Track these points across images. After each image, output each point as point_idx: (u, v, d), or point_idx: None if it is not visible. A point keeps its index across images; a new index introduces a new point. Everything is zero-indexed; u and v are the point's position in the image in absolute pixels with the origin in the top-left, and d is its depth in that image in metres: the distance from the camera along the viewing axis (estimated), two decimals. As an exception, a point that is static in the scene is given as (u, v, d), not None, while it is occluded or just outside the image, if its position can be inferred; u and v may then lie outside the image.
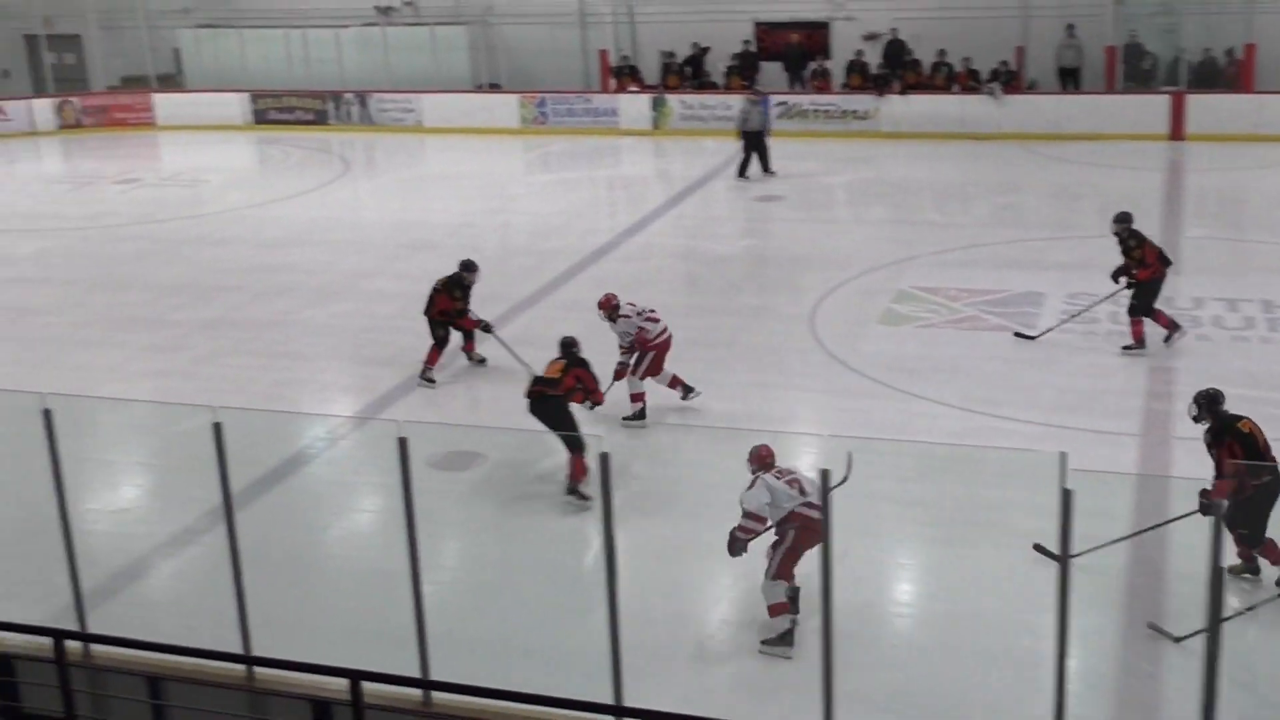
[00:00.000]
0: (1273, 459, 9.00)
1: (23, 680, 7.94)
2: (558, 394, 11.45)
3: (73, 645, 7.99)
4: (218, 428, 7.65)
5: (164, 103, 32.12)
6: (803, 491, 9.03)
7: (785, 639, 8.95)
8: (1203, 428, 9.34)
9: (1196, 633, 8.16)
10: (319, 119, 30.92)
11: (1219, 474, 9.01)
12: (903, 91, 27.61)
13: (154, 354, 15.84)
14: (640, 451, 12.33)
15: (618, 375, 13.06)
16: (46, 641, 7.66)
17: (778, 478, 9.10)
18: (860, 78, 28.34)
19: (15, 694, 8.01)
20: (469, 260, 14.61)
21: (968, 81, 27.52)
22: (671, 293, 17.90)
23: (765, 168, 24.20)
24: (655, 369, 13.08)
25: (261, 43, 32.44)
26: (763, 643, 8.99)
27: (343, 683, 7.06)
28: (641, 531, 10.26)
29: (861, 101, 27.72)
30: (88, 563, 8.69)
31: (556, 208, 22.65)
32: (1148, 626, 8.88)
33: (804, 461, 9.77)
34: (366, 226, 22.04)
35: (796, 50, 29.57)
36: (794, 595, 9.10)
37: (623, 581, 7.23)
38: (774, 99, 27.91)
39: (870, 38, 29.11)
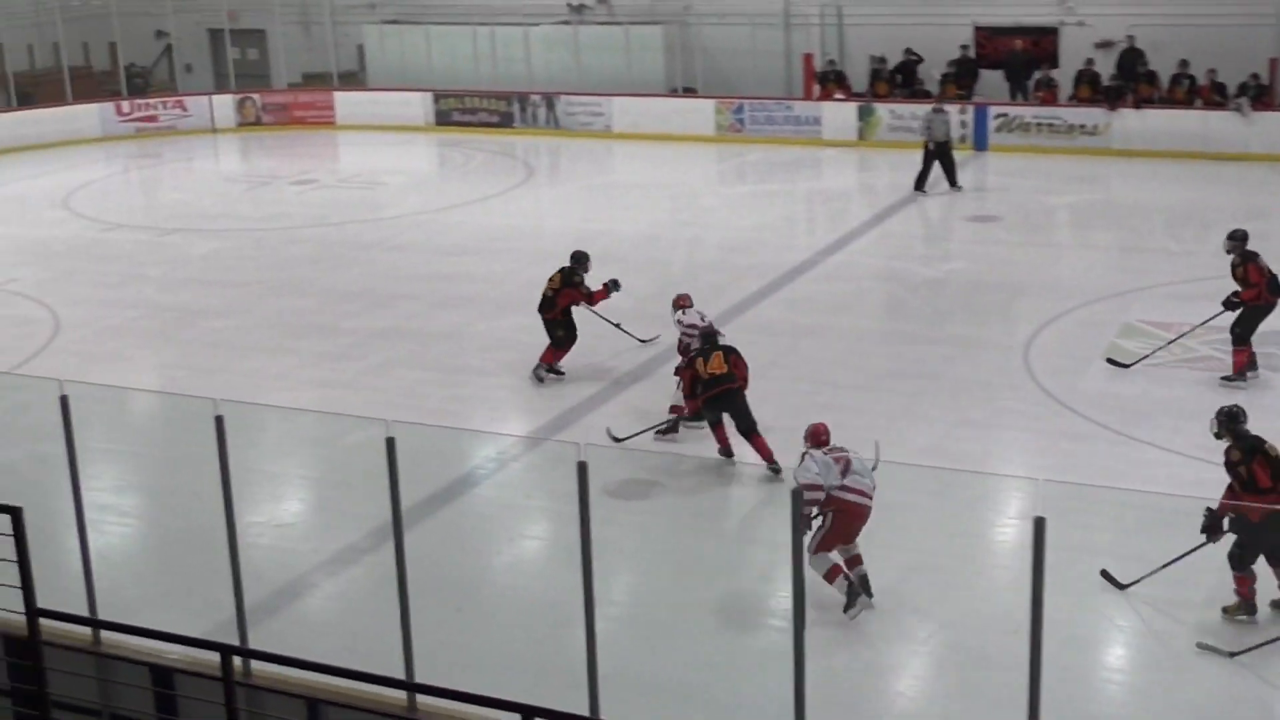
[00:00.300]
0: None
1: (181, 694, 8.22)
2: (738, 385, 12.53)
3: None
4: (390, 443, 7.82)
5: (345, 101, 33.08)
6: (845, 472, 9.90)
7: (854, 594, 9.81)
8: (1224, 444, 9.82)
9: (1251, 648, 9.17)
10: (503, 121, 31.49)
11: (1242, 488, 9.52)
12: (1137, 105, 26.95)
13: (324, 362, 16.31)
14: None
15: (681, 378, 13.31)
16: (207, 656, 7.91)
17: (826, 454, 10.02)
18: (1090, 89, 27.74)
19: (174, 707, 8.31)
20: (581, 251, 15.61)
21: (1212, 96, 26.71)
22: (872, 317, 17.75)
23: (951, 182, 23.93)
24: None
25: (447, 40, 33.17)
26: (845, 610, 9.80)
27: (514, 718, 7.14)
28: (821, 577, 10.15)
29: (1091, 115, 27.13)
30: (250, 577, 8.97)
31: (751, 222, 22.67)
32: (1198, 646, 9.42)
33: (1012, 507, 9.59)
34: (549, 236, 22.35)
35: (1020, 58, 29.09)
36: (863, 578, 9.97)
37: (816, 628, 7.17)
38: (993, 110, 27.49)
39: (1103, 45, 28.47)
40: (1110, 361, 15.13)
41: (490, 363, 16.03)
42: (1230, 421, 9.87)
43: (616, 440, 13.11)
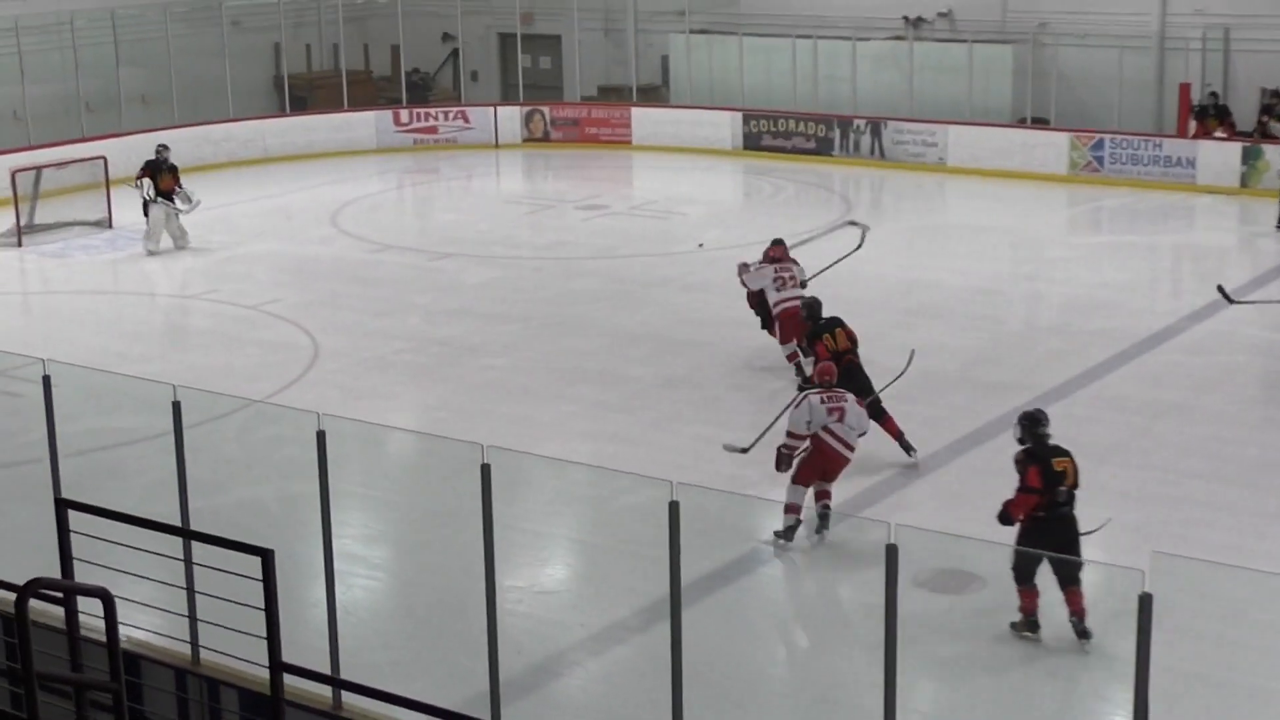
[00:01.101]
0: (1065, 501, 10.98)
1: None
2: (855, 358, 14.96)
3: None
4: (674, 508, 7.91)
5: (644, 119, 33.67)
6: (841, 421, 12.77)
7: (786, 534, 12.61)
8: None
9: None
10: (820, 148, 31.58)
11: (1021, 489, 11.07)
12: None
13: (603, 412, 16.61)
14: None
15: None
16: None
17: (823, 401, 12.81)
18: None
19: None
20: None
21: None
22: (1245, 399, 17.12)
23: None
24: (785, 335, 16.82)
25: (762, 54, 33.38)
26: (774, 532, 12.62)
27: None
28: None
29: None
30: (506, 648, 9.15)
31: (1105, 278, 22.16)
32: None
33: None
34: (864, 283, 22.26)
35: None
36: (824, 513, 12.74)
37: None
38: None
39: None
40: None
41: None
42: (1031, 425, 11.38)
43: (742, 451, 14.03)
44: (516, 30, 35.23)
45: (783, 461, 12.86)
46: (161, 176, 24.41)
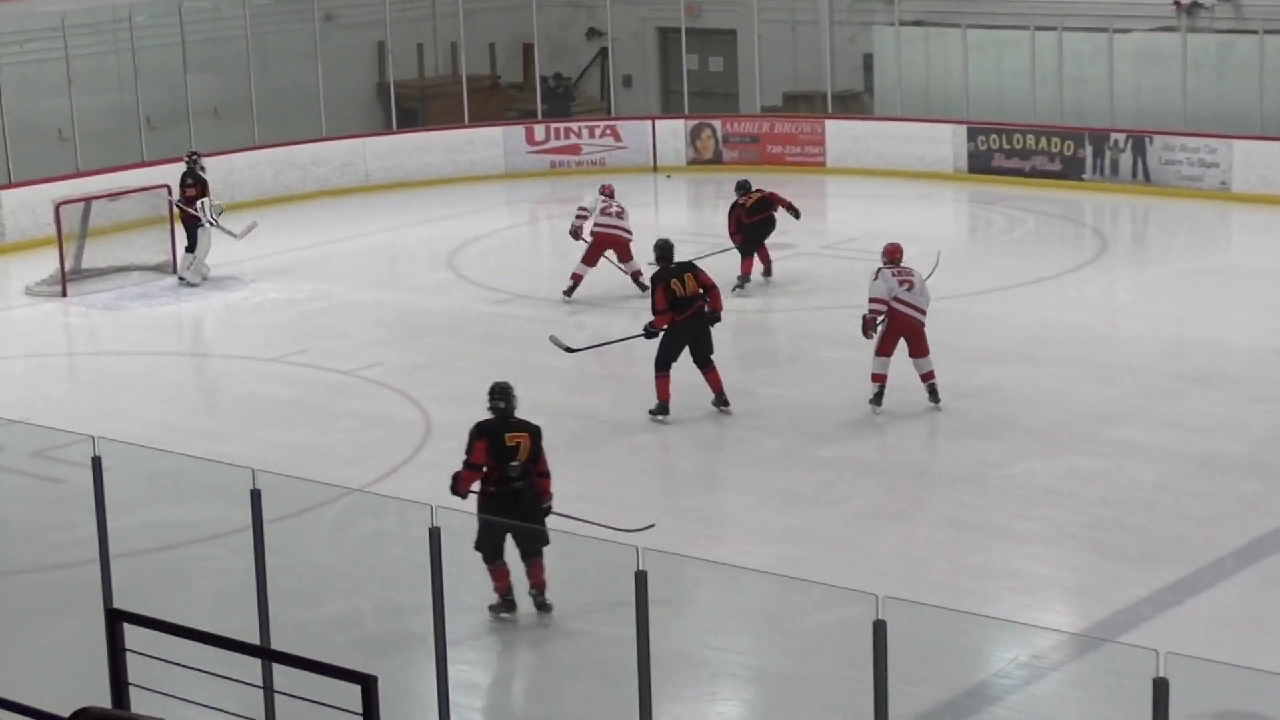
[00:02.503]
0: (517, 476, 13.64)
1: None
2: (709, 305, 18.84)
3: None
4: (879, 628, 7.90)
5: (840, 134, 33.55)
6: (910, 290, 18.32)
7: (876, 399, 18.55)
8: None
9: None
10: (1067, 170, 31.31)
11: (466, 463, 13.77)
12: None
13: (787, 504, 16.60)
14: None
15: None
16: None
17: (894, 275, 18.37)
18: None
19: None
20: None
21: None
22: None
23: None
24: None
25: (993, 50, 33.17)
26: (868, 400, 18.64)
27: None
28: None
29: None
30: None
31: None
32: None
33: None
34: (1124, 341, 22.07)
35: None
36: (932, 390, 18.55)
37: None
38: None
39: None
40: None
41: (1027, 522, 15.95)
42: (490, 397, 14.04)
43: (568, 350, 19.56)
44: (680, 24, 35.33)
45: (869, 327, 18.45)
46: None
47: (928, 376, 18.63)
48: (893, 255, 18.76)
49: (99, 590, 11.32)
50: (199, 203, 25.20)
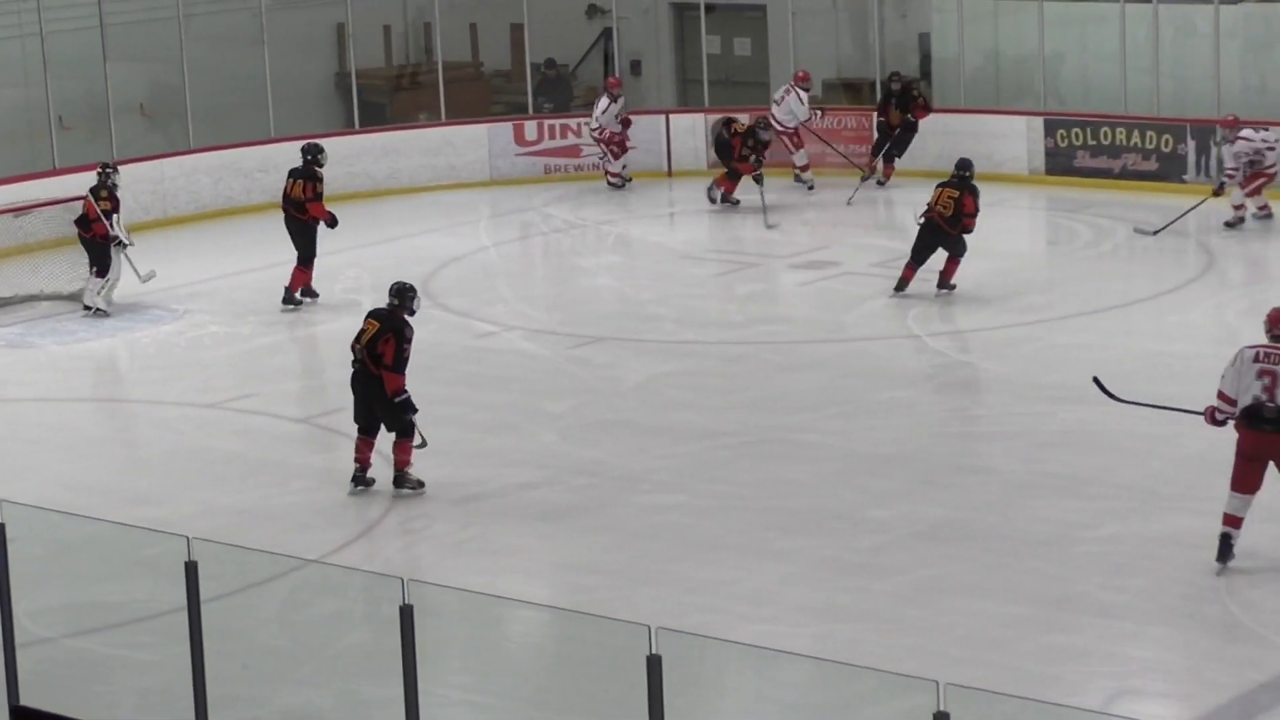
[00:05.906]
0: (358, 359, 18.60)
1: None
2: None
3: None
4: (941, 721, 7.88)
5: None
6: (1272, 386, 15.50)
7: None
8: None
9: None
10: (1164, 171, 31.26)
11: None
12: None
13: (830, 575, 16.63)
14: None
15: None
16: None
17: (1256, 360, 15.70)
18: None
19: None
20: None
21: None
22: None
23: None
24: None
25: (1075, 27, 33.16)
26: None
27: None
28: None
29: None
30: None
31: None
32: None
33: None
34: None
35: None
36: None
37: None
38: None
39: None
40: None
41: (1118, 594, 15.94)
42: (391, 293, 18.74)
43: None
44: (699, -1, 35.49)
45: (1211, 418, 16.25)
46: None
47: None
48: (1274, 326, 16.03)
49: (1, 685, 11.31)
50: (115, 217, 25.20)
